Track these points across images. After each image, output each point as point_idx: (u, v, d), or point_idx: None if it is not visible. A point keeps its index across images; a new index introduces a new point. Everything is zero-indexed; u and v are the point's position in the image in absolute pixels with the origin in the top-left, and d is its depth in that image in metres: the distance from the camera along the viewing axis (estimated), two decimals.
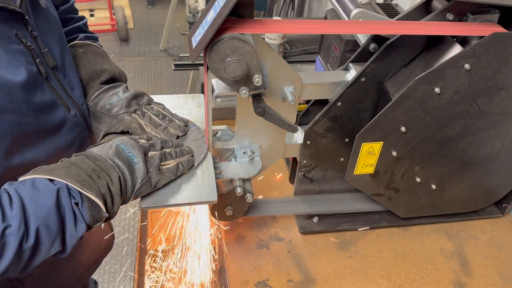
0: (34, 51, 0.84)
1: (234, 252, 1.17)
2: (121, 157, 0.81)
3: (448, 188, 1.17)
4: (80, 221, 0.74)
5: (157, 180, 0.86)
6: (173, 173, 0.89)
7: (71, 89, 0.95)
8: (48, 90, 0.87)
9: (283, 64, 0.93)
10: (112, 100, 0.98)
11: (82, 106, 0.98)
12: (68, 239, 0.74)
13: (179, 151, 0.92)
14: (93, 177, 0.76)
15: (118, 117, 0.97)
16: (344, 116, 1.08)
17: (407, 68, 1.04)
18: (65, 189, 0.73)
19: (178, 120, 1.01)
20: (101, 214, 0.76)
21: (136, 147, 0.84)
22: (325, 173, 1.19)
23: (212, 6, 0.81)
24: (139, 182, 0.82)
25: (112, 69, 1.05)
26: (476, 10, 0.95)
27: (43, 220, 0.70)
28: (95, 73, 1.02)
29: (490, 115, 1.02)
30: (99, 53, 1.09)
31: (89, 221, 0.75)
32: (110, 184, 0.78)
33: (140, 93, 1.01)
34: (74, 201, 0.73)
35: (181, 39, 4.64)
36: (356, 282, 1.12)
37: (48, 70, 0.88)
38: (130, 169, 0.81)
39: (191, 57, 0.81)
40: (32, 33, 0.85)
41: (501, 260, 1.19)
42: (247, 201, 1.07)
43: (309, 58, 1.79)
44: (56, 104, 0.89)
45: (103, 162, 0.79)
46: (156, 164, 0.86)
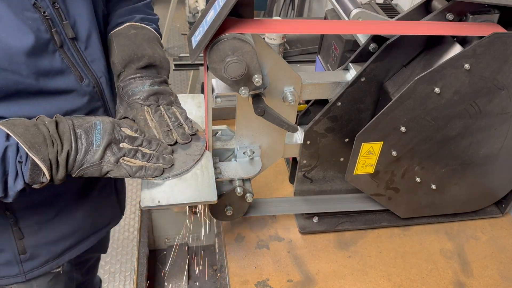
0: (51, 20, 0.89)
1: (234, 252, 1.17)
2: (88, 134, 0.86)
3: (448, 188, 1.17)
4: (19, 178, 0.81)
5: (107, 170, 0.87)
6: (130, 173, 0.88)
7: (91, 60, 1.00)
8: (60, 57, 0.93)
9: (283, 64, 0.93)
10: (136, 89, 1.00)
11: (100, 78, 1.02)
12: (9, 189, 0.82)
13: (155, 156, 0.91)
14: (47, 141, 0.82)
15: (132, 105, 0.99)
16: (344, 116, 1.08)
17: (407, 68, 1.04)
18: (14, 146, 0.79)
19: (188, 128, 1.00)
20: (40, 177, 0.82)
21: (108, 132, 0.87)
22: (325, 173, 1.19)
23: (212, 6, 0.81)
24: (87, 163, 0.86)
25: (154, 56, 1.04)
26: (476, 10, 0.95)
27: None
28: (135, 56, 1.03)
29: (490, 115, 1.02)
30: (149, 37, 1.09)
31: (28, 180, 0.81)
32: (59, 153, 0.83)
33: (166, 92, 1.02)
34: (19, 160, 0.80)
35: (181, 39, 4.63)
36: (356, 282, 1.12)
37: (66, 39, 0.94)
38: (87, 147, 0.85)
39: (191, 57, 0.81)
40: (55, 4, 0.90)
41: (501, 260, 1.19)
42: (247, 201, 1.07)
43: (309, 58, 1.79)
44: (67, 72, 0.94)
45: (65, 132, 0.84)
46: (117, 156, 0.87)
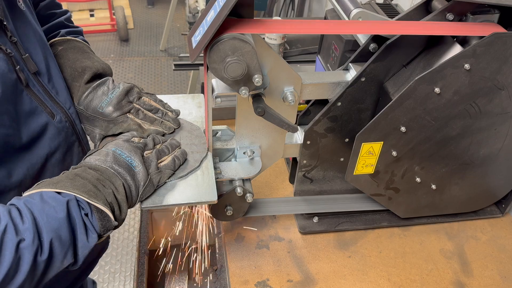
0: (14, 57, 0.80)
1: (234, 252, 1.17)
2: (120, 163, 0.81)
3: (448, 188, 1.17)
4: (91, 232, 0.74)
5: (158, 179, 0.86)
6: (171, 168, 0.90)
7: (56, 93, 0.91)
8: (28, 97, 0.83)
9: (283, 64, 0.93)
10: (103, 102, 0.96)
11: (69, 110, 0.94)
12: (79, 250, 0.73)
13: (169, 146, 0.93)
14: (98, 187, 0.76)
15: (114, 121, 0.96)
16: (344, 116, 1.08)
17: (407, 68, 1.04)
18: (74, 200, 0.73)
19: (171, 113, 1.01)
20: (110, 222, 0.76)
21: (133, 151, 0.84)
22: (325, 173, 1.19)
23: (212, 6, 0.81)
24: (142, 185, 0.83)
25: (94, 65, 0.99)
26: (476, 10, 0.95)
27: (56, 232, 0.69)
28: (76, 72, 0.97)
29: (490, 115, 1.02)
30: (79, 49, 1.02)
31: (100, 230, 0.75)
32: (116, 192, 0.78)
33: (129, 87, 0.98)
34: (84, 212, 0.73)
35: (181, 39, 4.63)
36: (356, 282, 1.11)
37: (29, 76, 0.84)
38: (131, 174, 0.81)
39: (191, 57, 0.81)
40: (12, 38, 0.80)
41: (501, 260, 1.19)
42: (247, 201, 1.07)
43: (309, 58, 1.79)
44: (37, 111, 0.85)
45: (105, 171, 0.79)
46: (155, 164, 0.86)
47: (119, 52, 4.45)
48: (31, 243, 0.66)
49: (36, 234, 0.67)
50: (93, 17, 4.63)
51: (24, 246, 0.66)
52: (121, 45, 4.55)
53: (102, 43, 4.54)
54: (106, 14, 4.65)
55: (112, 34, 4.69)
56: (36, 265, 0.68)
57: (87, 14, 4.61)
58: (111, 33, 4.70)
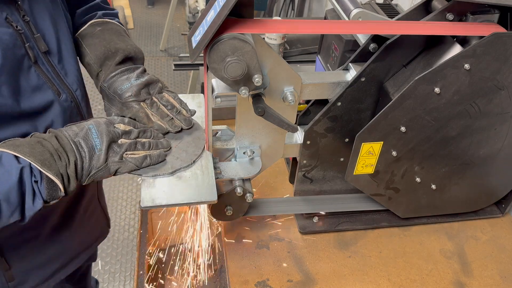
0: (24, 35, 0.86)
1: (234, 252, 1.17)
2: (87, 141, 0.85)
3: (448, 188, 1.17)
4: (38, 198, 0.80)
5: (116, 168, 0.88)
6: (137, 164, 0.91)
7: (65, 74, 0.97)
8: (35, 73, 0.89)
9: (283, 64, 0.93)
10: (124, 86, 0.99)
11: (76, 91, 0.99)
12: (26, 211, 0.80)
13: (154, 143, 0.94)
14: (54, 157, 0.81)
15: (127, 105, 0.99)
16: (344, 116, 1.08)
17: (407, 68, 1.04)
18: (27, 167, 0.78)
19: (186, 112, 1.02)
20: (57, 192, 0.82)
21: (105, 133, 0.87)
22: (325, 173, 1.19)
23: (212, 6, 0.81)
24: (95, 168, 0.86)
25: (127, 48, 1.04)
26: (476, 10, 0.95)
27: (5, 195, 0.76)
28: (110, 52, 1.03)
29: (490, 115, 1.02)
30: (116, 31, 1.08)
31: (46, 197, 0.81)
32: (67, 166, 0.83)
33: (153, 80, 1.02)
34: (34, 179, 0.79)
35: (181, 39, 4.63)
36: (356, 282, 1.12)
37: (39, 54, 0.90)
38: (90, 153, 0.85)
39: (191, 57, 0.81)
40: (25, 18, 0.87)
41: (501, 260, 1.19)
42: (247, 201, 1.07)
43: (309, 58, 1.79)
44: (44, 88, 0.91)
45: (66, 144, 0.84)
46: (120, 153, 0.88)
47: None
48: None
49: None
50: None
51: None
52: None
53: None
54: None
55: None
56: None
57: None
58: None
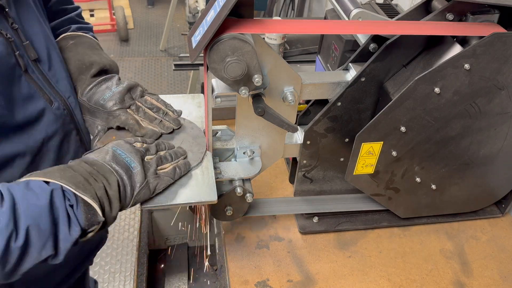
0: (14, 43, 0.83)
1: (234, 252, 1.17)
2: (119, 162, 0.81)
3: (448, 188, 1.17)
4: (74, 224, 0.71)
5: (155, 185, 0.85)
6: (171, 177, 0.88)
7: (56, 81, 0.94)
8: (26, 82, 0.86)
9: (283, 64, 0.93)
10: (106, 95, 0.98)
11: (68, 99, 0.96)
12: (61, 242, 0.71)
13: (173, 154, 0.92)
14: (89, 180, 0.75)
15: (113, 114, 0.97)
16: (344, 116, 1.08)
17: (407, 68, 1.04)
18: (59, 190, 0.71)
19: (172, 112, 1.01)
20: (96, 217, 0.74)
21: (133, 152, 0.84)
22: (325, 173, 1.19)
23: (212, 6, 0.81)
24: (138, 187, 0.81)
25: (102, 61, 1.03)
26: (476, 10, 0.95)
27: (34, 220, 0.67)
28: (84, 66, 1.01)
29: (490, 115, 1.02)
30: (89, 44, 1.07)
31: (84, 224, 0.73)
32: (108, 187, 0.76)
33: (133, 85, 1.01)
34: (69, 203, 0.71)
35: (181, 39, 4.63)
36: (356, 282, 1.11)
37: (29, 62, 0.88)
38: (128, 173, 0.80)
39: (191, 57, 0.81)
40: (13, 25, 0.85)
41: (501, 260, 1.19)
42: (247, 201, 1.07)
43: (309, 58, 1.79)
44: (35, 96, 0.87)
45: (101, 166, 0.78)
46: (153, 169, 0.85)
47: (119, 52, 4.45)
48: (4, 226, 0.65)
49: (12, 219, 0.66)
50: (93, 17, 4.63)
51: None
52: (121, 45, 4.55)
53: (102, 43, 4.47)
54: (106, 14, 4.65)
55: (112, 34, 4.69)
56: (9, 250, 0.66)
57: (87, 14, 4.61)
58: (111, 33, 4.70)
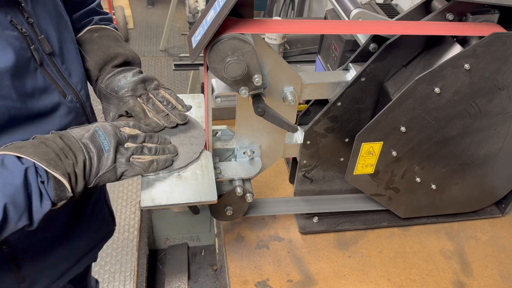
0: (29, 37, 0.86)
1: (234, 252, 1.17)
2: (94, 142, 0.84)
3: (448, 188, 1.17)
4: (45, 199, 0.77)
5: (123, 171, 0.87)
6: (144, 168, 0.89)
7: (69, 75, 0.97)
8: (41, 75, 0.89)
9: (283, 64, 0.93)
10: (121, 83, 1.01)
11: (80, 92, 1.00)
12: (34, 214, 0.77)
13: (160, 149, 0.93)
14: (60, 156, 0.79)
15: (123, 99, 0.99)
16: (344, 116, 1.08)
17: (407, 68, 1.04)
18: (32, 167, 0.75)
19: (182, 107, 1.03)
20: (65, 192, 0.79)
21: (112, 135, 0.86)
22: (325, 173, 1.19)
23: (212, 6, 0.81)
24: (103, 169, 0.84)
25: (126, 53, 1.07)
26: (476, 10, 0.95)
27: (11, 198, 0.73)
28: (109, 58, 1.05)
29: (490, 115, 1.02)
30: (113, 37, 1.12)
31: (54, 198, 0.78)
32: (75, 165, 0.81)
33: (149, 78, 1.03)
34: (40, 180, 0.76)
35: (181, 39, 4.63)
36: (356, 282, 1.12)
37: (44, 56, 0.90)
38: (99, 154, 0.84)
39: (191, 57, 0.81)
40: (29, 20, 0.87)
41: (501, 260, 1.19)
42: (247, 201, 1.07)
43: (309, 58, 1.79)
44: (50, 89, 0.91)
45: (74, 143, 0.82)
46: (127, 156, 0.88)
47: None
48: None
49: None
50: None
51: None
52: None
53: None
54: None
55: None
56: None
57: None
58: None
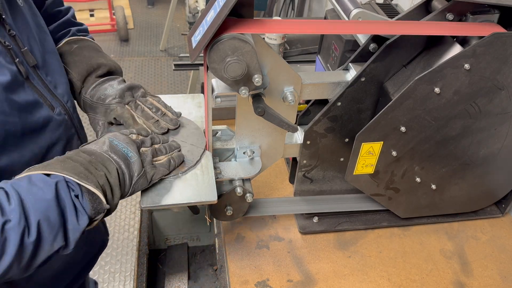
0: (13, 50, 0.83)
1: (234, 252, 1.17)
2: (116, 152, 0.82)
3: (448, 188, 1.17)
4: (81, 213, 0.73)
5: (152, 174, 0.86)
6: (166, 168, 0.90)
7: (54, 87, 0.94)
8: (29, 89, 0.86)
9: (283, 64, 0.93)
10: (107, 91, 1.00)
11: (67, 103, 0.97)
12: (70, 233, 0.73)
13: (168, 147, 0.94)
14: (90, 169, 0.76)
15: (111, 107, 0.99)
16: (344, 116, 1.08)
17: (407, 68, 1.04)
18: (63, 182, 0.72)
19: (171, 114, 1.03)
20: (102, 205, 0.76)
21: (129, 142, 0.86)
22: (325, 173, 1.19)
23: (212, 6, 0.81)
24: (136, 175, 0.83)
25: (108, 63, 1.07)
26: (476, 10, 0.95)
27: (44, 214, 0.69)
28: (92, 68, 1.04)
29: (490, 115, 1.02)
30: (93, 48, 1.10)
31: (91, 213, 0.74)
32: (108, 175, 0.78)
33: (135, 86, 1.03)
34: (74, 194, 0.73)
35: (181, 39, 4.63)
36: (356, 282, 1.11)
37: (29, 69, 0.87)
38: (126, 162, 0.82)
39: (191, 57, 0.81)
40: (10, 32, 0.83)
41: (501, 260, 1.19)
42: (247, 201, 1.07)
43: (309, 58, 1.79)
44: (39, 103, 0.88)
45: (99, 155, 0.80)
46: (149, 159, 0.87)
47: (119, 52, 4.45)
48: (17, 224, 0.66)
49: (22, 215, 0.67)
50: (93, 17, 4.62)
51: (9, 227, 0.65)
52: (121, 45, 4.55)
53: (102, 43, 4.52)
54: (106, 14, 4.65)
55: (112, 34, 4.69)
56: (23, 246, 0.67)
57: (87, 14, 4.61)
58: (111, 33, 4.70)
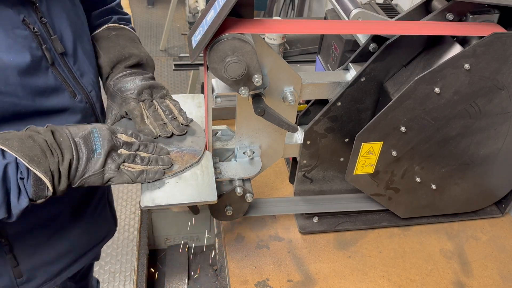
0: (41, 36, 0.87)
1: (234, 252, 1.17)
2: (87, 142, 0.83)
3: (448, 188, 1.17)
4: (23, 196, 0.77)
5: (110, 177, 0.85)
6: (132, 178, 0.87)
7: (80, 75, 0.98)
8: (53, 74, 0.91)
9: (283, 64, 0.93)
10: (128, 84, 1.01)
11: (90, 93, 1.00)
12: (12, 209, 0.77)
13: (153, 159, 0.90)
14: (46, 153, 0.78)
15: (126, 100, 0.99)
16: (344, 116, 1.08)
17: (407, 68, 1.04)
18: (13, 163, 0.75)
19: (183, 118, 1.02)
20: (45, 191, 0.79)
21: (107, 139, 0.85)
22: (325, 173, 1.19)
23: (212, 6, 0.81)
24: (90, 171, 0.83)
25: (140, 55, 1.08)
26: (476, 10, 0.95)
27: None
28: (123, 57, 1.06)
29: (490, 115, 1.02)
30: (130, 38, 1.12)
31: (32, 196, 0.78)
32: (61, 163, 0.79)
33: (158, 85, 1.03)
34: (20, 176, 0.76)
35: (181, 39, 4.63)
36: (356, 282, 1.12)
37: (56, 55, 0.91)
38: (88, 156, 0.82)
39: (191, 57, 0.81)
40: (42, 19, 0.88)
41: (501, 260, 1.19)
42: (247, 201, 1.07)
43: (309, 58, 1.79)
44: (61, 89, 0.92)
45: (65, 140, 0.81)
46: (118, 163, 0.86)
47: None
48: None
49: None
50: None
51: None
52: None
53: None
54: None
55: None
56: None
57: None
58: None
